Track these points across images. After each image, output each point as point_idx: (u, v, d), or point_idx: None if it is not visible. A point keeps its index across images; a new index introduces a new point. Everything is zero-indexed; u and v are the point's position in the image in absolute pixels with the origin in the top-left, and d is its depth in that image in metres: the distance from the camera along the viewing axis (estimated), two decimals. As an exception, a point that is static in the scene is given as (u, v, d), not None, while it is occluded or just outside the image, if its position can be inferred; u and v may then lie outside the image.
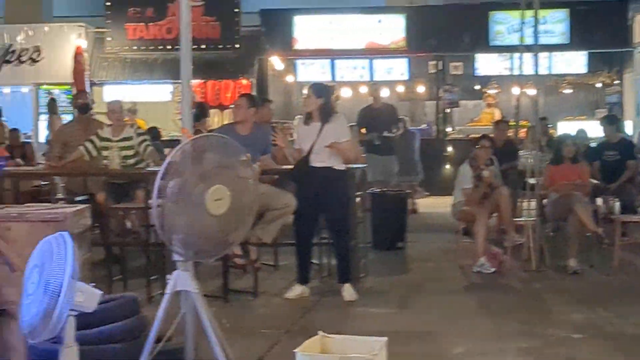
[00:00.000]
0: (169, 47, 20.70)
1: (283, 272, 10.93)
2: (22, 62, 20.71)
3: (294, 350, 5.04)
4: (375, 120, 15.44)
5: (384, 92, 16.37)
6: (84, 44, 20.74)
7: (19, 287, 5.24)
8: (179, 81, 6.47)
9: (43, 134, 19.67)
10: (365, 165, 11.53)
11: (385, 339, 5.19)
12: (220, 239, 6.10)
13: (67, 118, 19.20)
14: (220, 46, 20.93)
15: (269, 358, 7.42)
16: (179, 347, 6.26)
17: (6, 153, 13.54)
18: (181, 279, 6.05)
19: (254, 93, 18.92)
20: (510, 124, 14.39)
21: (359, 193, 11.01)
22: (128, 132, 11.26)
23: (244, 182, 6.25)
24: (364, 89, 20.95)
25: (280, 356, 7.23)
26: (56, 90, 21.22)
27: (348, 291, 9.55)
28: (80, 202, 10.46)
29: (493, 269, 10.98)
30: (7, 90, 21.60)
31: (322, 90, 9.75)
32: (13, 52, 20.64)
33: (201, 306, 6.05)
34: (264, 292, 9.91)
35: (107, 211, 11.01)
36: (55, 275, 4.94)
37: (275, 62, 21.30)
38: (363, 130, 15.41)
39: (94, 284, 5.34)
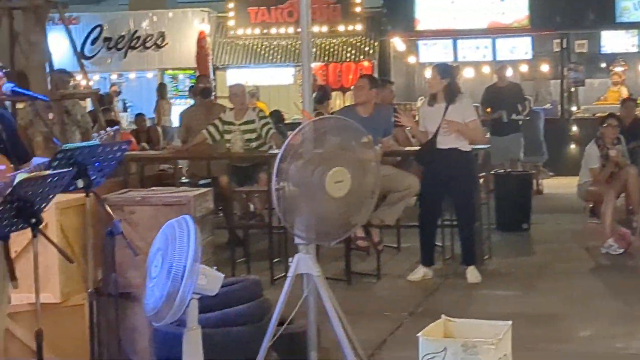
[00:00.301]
0: (290, 30, 20.73)
1: (406, 254, 10.84)
2: (147, 48, 21.02)
3: (417, 335, 4.96)
4: (501, 99, 15.18)
5: (508, 72, 16.08)
6: (207, 28, 20.94)
7: (143, 271, 5.29)
8: (301, 64, 6.45)
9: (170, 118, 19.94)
10: (488, 145, 11.36)
11: (509, 322, 5.07)
12: (341, 221, 6.05)
13: (178, 102, 19.54)
14: (342, 28, 20.87)
15: (392, 341, 7.38)
16: (301, 330, 6.26)
17: (131, 137, 13.76)
18: (303, 262, 6.03)
19: (375, 74, 18.82)
20: (638, 102, 14.01)
21: (483, 174, 10.85)
22: (250, 115, 11.30)
23: (365, 164, 6.19)
24: (486, 69, 20.66)
25: (404, 339, 7.17)
26: (180, 75, 21.51)
27: (472, 273, 9.43)
28: (203, 185, 10.55)
29: (621, 250, 10.70)
30: (132, 75, 21.98)
31: (447, 71, 9.63)
32: (138, 38, 20.97)
33: (323, 289, 6.02)
34: (386, 275, 9.86)
35: (231, 194, 11.09)
36: (178, 259, 4.96)
37: (397, 43, 21.14)
38: (488, 110, 15.17)
39: (216, 267, 5.37)
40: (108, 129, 5.52)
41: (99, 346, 6.20)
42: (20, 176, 4.51)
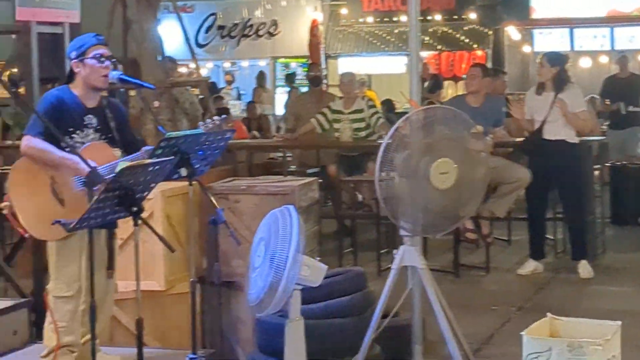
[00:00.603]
0: (403, 18, 20.57)
1: (516, 247, 10.63)
2: (259, 36, 21.11)
3: (521, 333, 4.82)
4: (621, 91, 14.76)
5: (630, 63, 15.62)
6: (319, 17, 20.92)
7: (247, 260, 5.27)
8: (413, 53, 6.35)
9: (281, 107, 20.00)
10: (604, 137, 11.06)
11: (619, 323, 4.89)
12: (448, 213, 5.93)
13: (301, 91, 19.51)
14: (455, 17, 20.65)
15: (500, 336, 7.23)
16: (405, 323, 6.17)
17: (242, 125, 13.82)
18: (408, 254, 5.92)
19: (489, 64, 18.55)
20: None
21: (597, 166, 10.58)
22: (359, 104, 11.23)
23: (474, 155, 6.06)
24: (604, 59, 20.20)
25: (511, 335, 6.99)
26: (293, 63, 21.54)
27: (584, 268, 9.20)
28: (312, 174, 10.51)
29: None
30: (245, 64, 22.09)
31: (557, 59, 9.40)
32: (251, 26, 21.06)
33: (428, 282, 5.91)
34: (495, 268, 9.69)
35: (339, 183, 11.03)
36: (281, 249, 4.92)
37: (512, 32, 20.82)
38: (607, 102, 14.78)
39: (319, 258, 5.31)
40: (215, 117, 5.50)
41: (202, 335, 6.22)
42: (122, 164, 4.51)
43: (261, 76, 19.81)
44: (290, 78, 19.94)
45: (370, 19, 21.12)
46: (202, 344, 6.19)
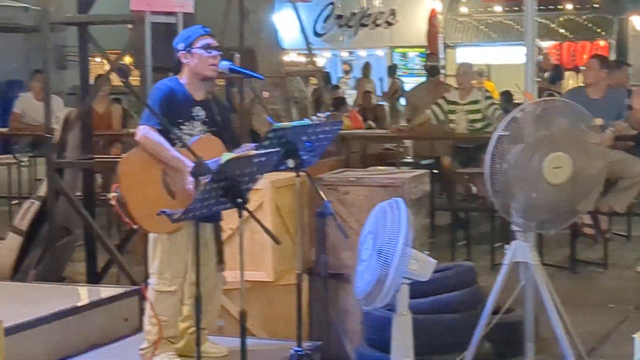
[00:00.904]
0: (524, 7, 20.21)
1: (636, 243, 10.38)
2: (377, 26, 21.02)
3: (633, 336, 4.66)
4: None
5: None
6: (438, 6, 20.73)
7: (356, 252, 5.22)
8: (536, 42, 6.22)
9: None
10: None
11: None
12: (562, 208, 5.77)
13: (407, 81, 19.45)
14: (578, 6, 20.22)
15: (616, 336, 7.04)
16: (517, 320, 6.04)
17: (357, 115, 13.78)
18: (520, 250, 5.78)
19: (612, 55, 18.14)
20: None
21: None
22: (476, 95, 11.07)
23: (591, 148, 5.88)
24: None
25: (628, 335, 6.75)
26: (410, 53, 21.42)
27: None
28: (426, 165, 10.42)
29: None
30: (363, 53, 22.04)
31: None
32: (369, 15, 20.99)
33: (541, 279, 5.76)
34: (614, 264, 9.45)
35: (453, 175, 10.91)
36: (389, 243, 4.86)
37: (637, 22, 20.31)
38: None
39: (428, 252, 5.23)
40: (319, 114, 5.44)
41: (309, 326, 6.19)
42: (227, 156, 4.49)
43: (366, 67, 19.78)
44: (392, 70, 19.87)
45: (490, 8, 20.83)
46: (309, 336, 6.16)
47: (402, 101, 18.26)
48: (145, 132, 5.12)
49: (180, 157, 5.04)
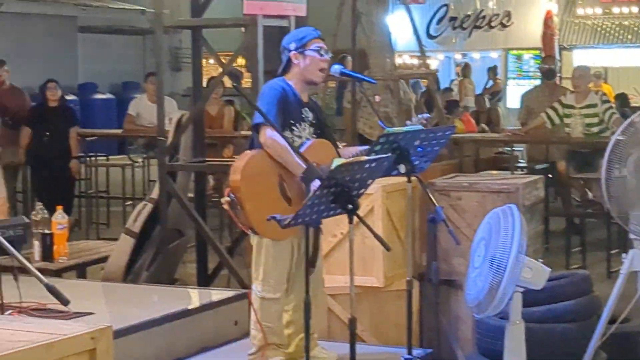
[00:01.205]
0: (644, 9, 19.79)
1: None
2: (492, 28, 20.78)
3: None
4: None
5: None
6: (554, 8, 20.40)
7: (468, 258, 5.15)
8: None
9: (511, 99, 19.68)
10: None
11: None
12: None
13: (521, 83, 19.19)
14: None
15: None
16: (634, 330, 5.90)
17: (470, 118, 13.65)
18: (638, 259, 5.62)
19: None
20: None
21: None
22: (592, 99, 10.83)
23: None
24: None
25: None
26: (525, 55, 21.14)
27: None
28: (540, 170, 10.25)
29: None
30: (476, 55, 21.84)
31: None
32: (483, 17, 20.78)
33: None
34: None
35: (568, 180, 10.71)
36: (502, 250, 4.78)
37: None
38: None
39: (542, 260, 5.12)
40: (419, 115, 5.37)
41: (419, 333, 6.12)
42: (337, 161, 4.44)
43: (466, 68, 19.59)
44: (492, 71, 19.63)
45: (607, 10, 20.41)
46: (420, 343, 6.09)
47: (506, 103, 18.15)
48: (271, 134, 4.99)
49: (302, 163, 4.92)
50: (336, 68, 5.43)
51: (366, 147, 5.24)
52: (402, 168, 5.08)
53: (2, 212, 9.00)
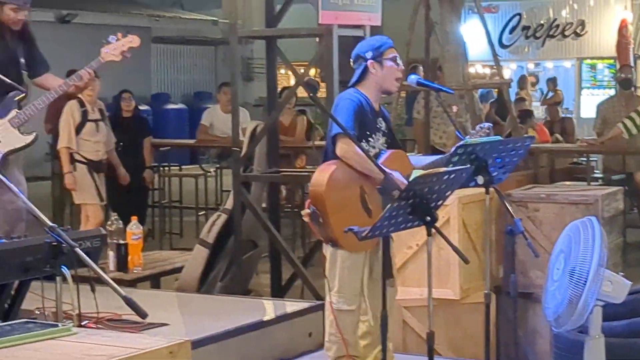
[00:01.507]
0: None
1: None
2: (565, 37, 20.57)
3: None
4: None
5: None
6: (629, 16, 20.13)
7: (545, 271, 5.06)
8: None
9: (586, 109, 19.44)
10: None
11: None
12: None
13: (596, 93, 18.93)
14: None
15: None
16: None
17: (544, 128, 13.49)
18: None
19: None
20: None
21: None
22: (670, 108, 10.65)
23: None
24: None
25: None
26: (599, 65, 20.90)
27: None
28: (617, 181, 10.09)
29: None
30: (550, 64, 21.64)
31: None
32: (557, 26, 20.59)
33: None
34: None
35: (646, 191, 10.55)
36: (581, 263, 4.70)
37: None
38: None
39: (622, 273, 5.02)
40: (482, 125, 5.29)
41: (496, 347, 6.03)
42: (416, 173, 4.39)
43: (522, 79, 19.42)
44: (552, 82, 19.55)
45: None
46: (497, 356, 6.00)
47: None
48: (348, 145, 4.92)
49: (382, 170, 4.80)
50: (413, 78, 5.39)
51: (438, 156, 5.18)
52: (480, 179, 5.00)
53: (97, 217, 9.10)
